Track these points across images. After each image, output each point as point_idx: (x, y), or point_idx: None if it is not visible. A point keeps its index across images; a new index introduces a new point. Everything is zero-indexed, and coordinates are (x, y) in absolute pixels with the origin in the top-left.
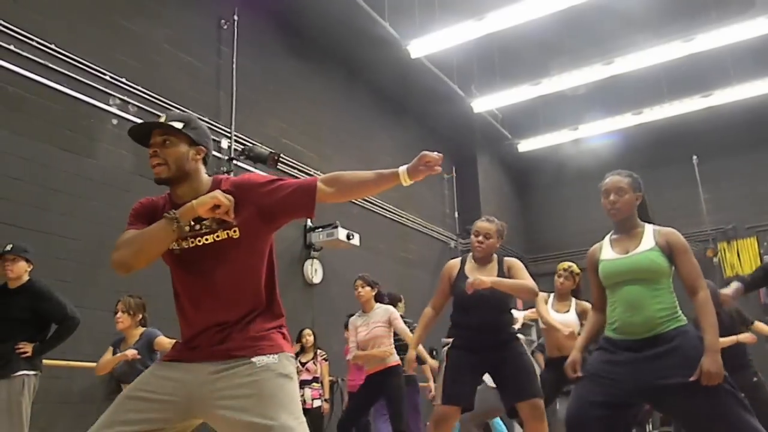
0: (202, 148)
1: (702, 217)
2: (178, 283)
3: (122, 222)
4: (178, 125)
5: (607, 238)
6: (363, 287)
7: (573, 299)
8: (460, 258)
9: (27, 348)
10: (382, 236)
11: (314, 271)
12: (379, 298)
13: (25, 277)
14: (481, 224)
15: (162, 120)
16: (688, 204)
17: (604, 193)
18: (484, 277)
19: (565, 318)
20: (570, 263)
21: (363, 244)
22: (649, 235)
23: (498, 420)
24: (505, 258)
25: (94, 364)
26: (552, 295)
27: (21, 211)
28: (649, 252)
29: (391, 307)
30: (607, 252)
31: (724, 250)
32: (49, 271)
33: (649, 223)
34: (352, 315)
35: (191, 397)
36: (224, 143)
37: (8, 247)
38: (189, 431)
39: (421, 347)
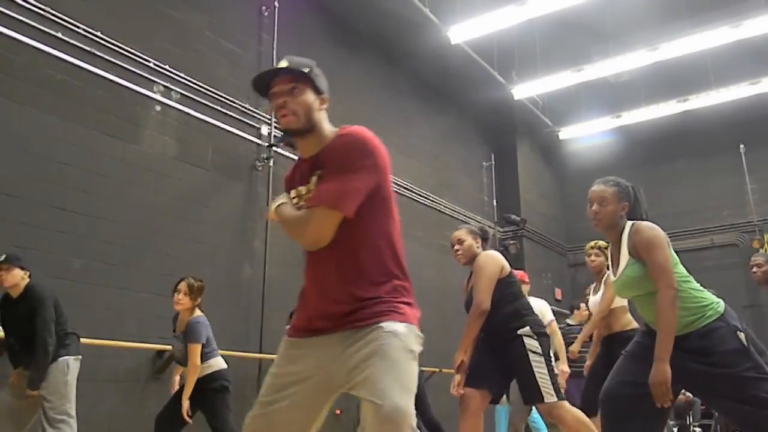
0: (326, 96)
1: (749, 207)
2: (307, 257)
3: (166, 207)
4: (305, 70)
5: (609, 248)
6: None
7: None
8: None
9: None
10: (419, 223)
11: None
12: None
13: (23, 284)
14: (453, 234)
15: (286, 64)
16: (735, 194)
17: (588, 201)
18: None
19: (599, 298)
20: (596, 241)
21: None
22: (625, 246)
23: (536, 415)
24: (477, 257)
25: (138, 345)
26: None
27: (69, 195)
28: (627, 270)
29: None
30: (611, 269)
31: None
32: (95, 254)
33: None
34: None
35: (328, 371)
36: (264, 130)
37: (1, 258)
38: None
39: None
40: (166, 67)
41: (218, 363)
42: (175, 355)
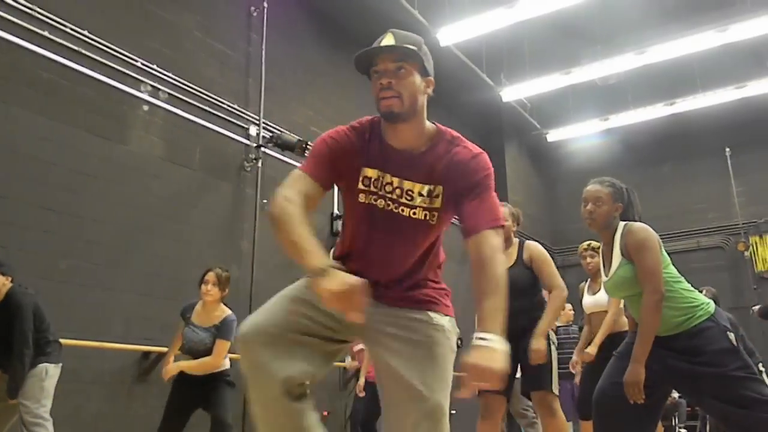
0: (432, 79)
1: (734, 210)
2: (362, 225)
3: (153, 207)
4: (414, 48)
5: (601, 248)
6: None
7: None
8: None
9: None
10: None
11: None
12: None
13: (4, 290)
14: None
15: (393, 42)
16: (720, 197)
17: (583, 201)
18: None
19: (597, 298)
20: (589, 242)
21: None
22: (617, 246)
23: None
24: (527, 243)
25: (123, 346)
26: (588, 280)
27: (55, 195)
28: (619, 270)
29: None
30: (602, 269)
31: (756, 244)
32: (81, 254)
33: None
34: None
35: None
36: (252, 130)
37: None
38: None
39: None
40: (154, 66)
41: (227, 361)
42: (196, 346)
